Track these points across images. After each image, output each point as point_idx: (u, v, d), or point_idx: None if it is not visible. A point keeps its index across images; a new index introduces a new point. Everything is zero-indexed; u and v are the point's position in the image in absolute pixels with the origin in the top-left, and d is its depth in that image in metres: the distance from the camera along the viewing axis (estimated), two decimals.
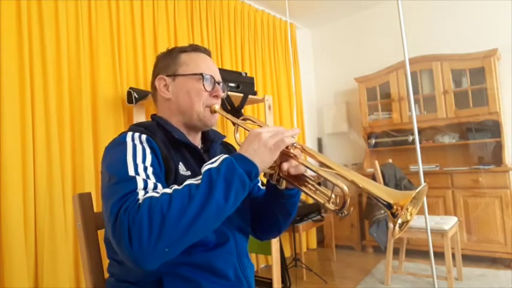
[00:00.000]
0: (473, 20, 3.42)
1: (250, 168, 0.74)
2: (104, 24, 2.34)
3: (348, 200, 0.76)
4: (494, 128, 3.18)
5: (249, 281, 0.93)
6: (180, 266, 0.82)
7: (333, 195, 0.82)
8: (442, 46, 3.45)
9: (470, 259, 3.02)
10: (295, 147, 0.83)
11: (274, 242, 2.26)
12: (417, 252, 3.11)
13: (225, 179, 0.71)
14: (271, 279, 2.29)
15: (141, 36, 2.57)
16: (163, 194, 0.70)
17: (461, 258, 2.70)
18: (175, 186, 0.73)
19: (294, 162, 0.84)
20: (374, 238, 2.89)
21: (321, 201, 0.83)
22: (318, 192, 0.85)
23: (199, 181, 0.72)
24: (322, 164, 0.82)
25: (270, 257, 2.70)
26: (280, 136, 0.78)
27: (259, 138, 0.77)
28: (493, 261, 3.03)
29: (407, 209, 0.75)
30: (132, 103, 2.25)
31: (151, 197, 0.70)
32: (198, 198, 0.69)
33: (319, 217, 3.37)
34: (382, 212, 2.80)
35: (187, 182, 0.73)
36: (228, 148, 1.11)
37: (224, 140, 1.10)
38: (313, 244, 3.96)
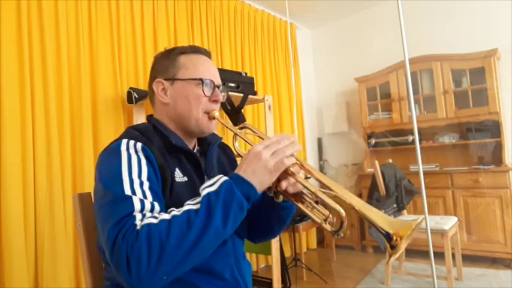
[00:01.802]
0: (473, 20, 3.42)
1: (248, 191, 0.74)
2: (104, 24, 2.34)
3: (345, 223, 0.75)
4: (494, 128, 3.18)
5: (245, 280, 0.93)
6: None
7: (330, 215, 0.81)
8: (442, 46, 3.45)
9: (470, 259, 3.02)
10: (295, 164, 0.81)
11: (274, 242, 2.26)
12: (417, 252, 3.10)
13: (224, 203, 0.71)
14: (271, 279, 2.29)
15: (141, 36, 2.57)
16: (162, 220, 0.69)
17: (461, 258, 2.70)
18: (175, 212, 0.72)
19: (292, 180, 0.82)
20: (374, 238, 2.89)
21: (318, 220, 0.81)
22: (315, 210, 0.83)
23: (198, 205, 0.71)
24: (320, 183, 0.81)
25: (270, 257, 2.69)
26: (280, 156, 0.76)
27: (259, 159, 0.75)
28: (493, 261, 3.03)
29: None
30: (132, 103, 2.25)
31: (149, 224, 0.69)
32: (197, 225, 0.68)
33: None
34: (382, 212, 2.80)
35: (186, 207, 0.72)
36: (225, 150, 1.09)
37: (222, 141, 1.08)
38: (313, 244, 3.96)
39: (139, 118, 2.40)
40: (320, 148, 4.41)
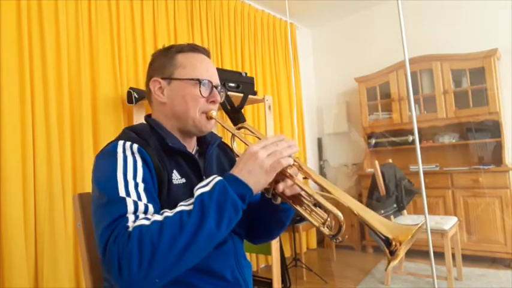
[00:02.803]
0: (473, 20, 3.42)
1: (243, 191, 0.72)
2: (104, 24, 2.34)
3: (343, 227, 0.74)
4: (494, 128, 3.18)
5: (246, 280, 0.92)
6: None
7: (329, 219, 0.79)
8: (442, 46, 3.45)
9: (470, 259, 3.02)
10: (292, 166, 0.79)
11: (274, 242, 2.26)
12: (417, 252, 3.09)
13: (218, 204, 0.69)
14: (271, 279, 2.29)
15: (141, 36, 2.57)
16: (154, 222, 0.68)
17: (461, 258, 2.70)
18: (167, 213, 0.71)
19: (289, 182, 0.80)
20: (374, 238, 2.89)
21: (316, 224, 0.78)
22: (314, 213, 0.81)
23: (191, 206, 0.70)
24: (318, 185, 0.79)
25: (270, 257, 2.70)
26: (277, 156, 0.75)
27: (255, 158, 0.74)
28: (493, 261, 3.03)
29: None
30: (132, 103, 2.25)
31: (141, 226, 0.68)
32: (190, 226, 0.67)
33: None
34: (382, 212, 2.80)
35: (179, 207, 0.71)
36: (225, 150, 1.07)
37: (222, 141, 1.07)
38: (313, 244, 3.96)
39: (139, 118, 2.40)
40: (320, 148, 4.41)
